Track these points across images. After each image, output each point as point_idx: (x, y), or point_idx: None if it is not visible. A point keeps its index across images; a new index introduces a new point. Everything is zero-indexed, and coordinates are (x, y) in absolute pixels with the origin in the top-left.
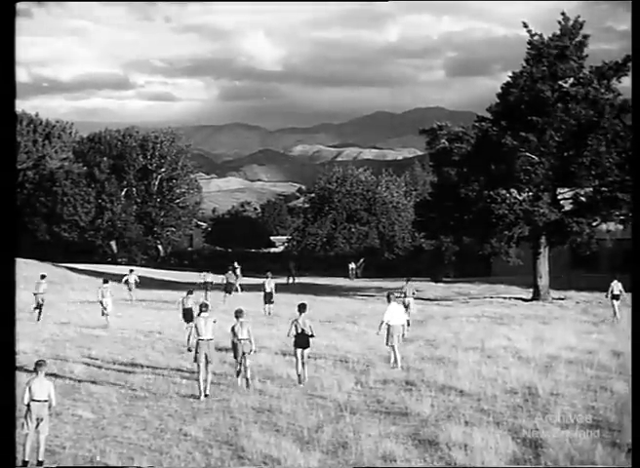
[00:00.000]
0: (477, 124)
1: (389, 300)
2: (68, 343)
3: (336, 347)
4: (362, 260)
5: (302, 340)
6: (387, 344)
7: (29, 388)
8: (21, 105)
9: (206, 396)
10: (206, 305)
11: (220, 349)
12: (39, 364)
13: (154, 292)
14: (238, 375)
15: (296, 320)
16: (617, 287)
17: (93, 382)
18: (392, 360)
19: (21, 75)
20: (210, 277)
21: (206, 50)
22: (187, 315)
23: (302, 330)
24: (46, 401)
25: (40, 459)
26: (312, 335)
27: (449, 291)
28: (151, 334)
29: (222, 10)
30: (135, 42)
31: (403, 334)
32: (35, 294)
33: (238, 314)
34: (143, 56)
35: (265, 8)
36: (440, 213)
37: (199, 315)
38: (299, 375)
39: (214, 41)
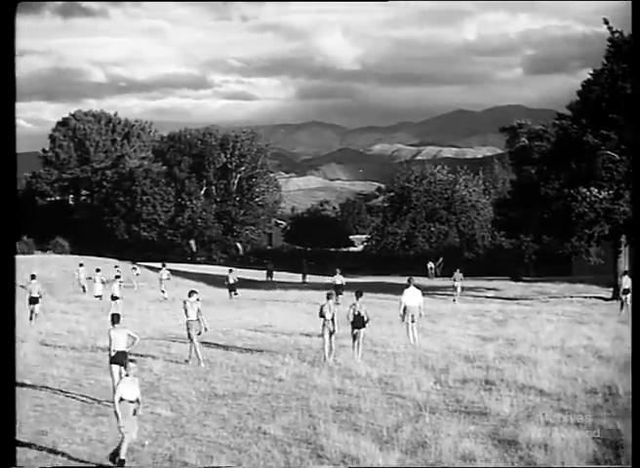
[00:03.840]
0: (557, 122)
1: (409, 284)
2: (147, 341)
3: (414, 346)
4: (441, 259)
5: (359, 322)
6: (403, 321)
7: (119, 387)
8: (99, 105)
9: (186, 361)
10: (194, 292)
11: (298, 349)
12: (129, 363)
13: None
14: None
15: (354, 304)
16: (627, 282)
17: (172, 380)
18: (411, 338)
19: (98, 75)
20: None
21: (283, 49)
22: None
23: (359, 312)
24: (132, 402)
25: (122, 458)
26: (368, 319)
27: (528, 290)
28: (229, 333)
29: (299, 9)
30: (211, 41)
31: (420, 314)
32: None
33: (329, 295)
34: (220, 55)
35: (342, 7)
36: (520, 211)
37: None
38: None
39: (290, 40)
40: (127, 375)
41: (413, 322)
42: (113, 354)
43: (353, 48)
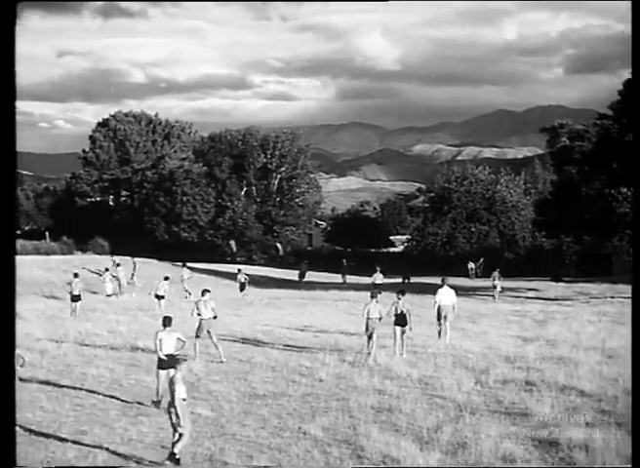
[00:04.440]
0: (598, 122)
1: (442, 284)
2: (187, 341)
3: (455, 347)
4: (482, 260)
5: (401, 320)
6: (437, 320)
7: (179, 388)
8: (138, 106)
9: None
10: (208, 291)
11: (339, 349)
12: (179, 362)
13: (273, 291)
14: (369, 355)
15: (396, 302)
16: None
17: (212, 380)
18: (443, 337)
19: (138, 76)
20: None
21: (322, 49)
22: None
23: (402, 311)
24: (184, 399)
25: (178, 457)
26: (409, 316)
27: (569, 290)
28: (270, 333)
29: (339, 9)
30: (251, 42)
31: (453, 313)
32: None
33: (374, 295)
34: (260, 55)
35: (382, 7)
36: (561, 211)
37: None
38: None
39: (330, 40)
40: (177, 375)
41: (446, 320)
42: (162, 357)
43: (393, 48)
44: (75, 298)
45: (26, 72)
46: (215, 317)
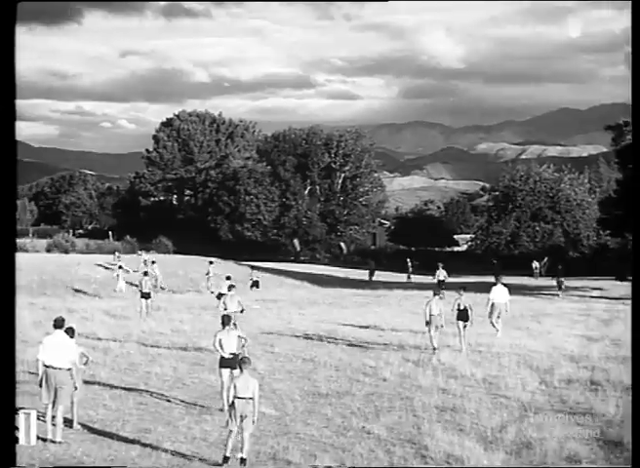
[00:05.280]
0: None
1: (496, 282)
2: (252, 340)
3: (519, 346)
4: (546, 259)
5: (463, 315)
6: (489, 317)
7: (234, 385)
8: (202, 105)
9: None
10: (234, 286)
11: (403, 348)
12: (244, 361)
13: (337, 291)
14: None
15: (459, 298)
16: None
17: (276, 379)
18: (496, 331)
19: (201, 75)
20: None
21: (386, 48)
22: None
23: (464, 306)
24: (251, 398)
25: (243, 457)
26: (471, 311)
27: None
28: (334, 332)
29: (402, 8)
30: (314, 41)
31: (506, 310)
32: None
33: (436, 291)
34: (323, 54)
35: (445, 6)
36: (626, 210)
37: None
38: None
39: (394, 39)
40: (242, 373)
41: (498, 317)
42: (226, 356)
43: (457, 47)
44: (145, 296)
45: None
46: (242, 311)
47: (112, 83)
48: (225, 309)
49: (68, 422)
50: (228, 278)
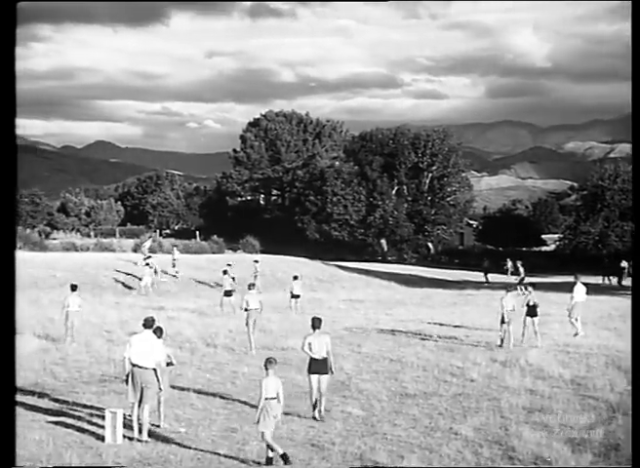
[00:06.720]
0: None
1: (576, 281)
2: (338, 340)
3: (607, 347)
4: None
5: (533, 311)
6: (569, 316)
7: (263, 386)
8: (288, 105)
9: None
10: (254, 285)
11: (490, 349)
12: (270, 362)
13: (425, 291)
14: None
15: (528, 295)
16: None
17: (362, 379)
18: (575, 330)
19: (288, 75)
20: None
21: (472, 47)
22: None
23: (533, 303)
24: (274, 398)
25: (281, 452)
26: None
27: None
28: (421, 333)
29: (488, 7)
30: (400, 40)
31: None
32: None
33: (508, 288)
34: (409, 54)
35: (530, 4)
36: None
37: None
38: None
39: (480, 38)
40: (267, 375)
41: (578, 316)
42: (314, 360)
43: (543, 45)
44: (227, 293)
45: (176, 73)
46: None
47: (199, 84)
48: (247, 308)
49: (155, 421)
50: (295, 278)
